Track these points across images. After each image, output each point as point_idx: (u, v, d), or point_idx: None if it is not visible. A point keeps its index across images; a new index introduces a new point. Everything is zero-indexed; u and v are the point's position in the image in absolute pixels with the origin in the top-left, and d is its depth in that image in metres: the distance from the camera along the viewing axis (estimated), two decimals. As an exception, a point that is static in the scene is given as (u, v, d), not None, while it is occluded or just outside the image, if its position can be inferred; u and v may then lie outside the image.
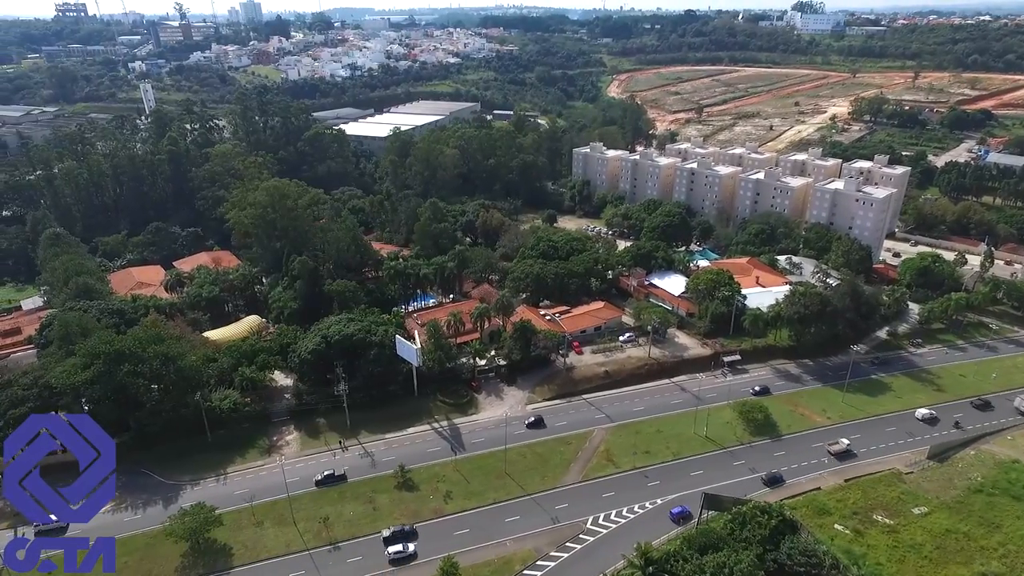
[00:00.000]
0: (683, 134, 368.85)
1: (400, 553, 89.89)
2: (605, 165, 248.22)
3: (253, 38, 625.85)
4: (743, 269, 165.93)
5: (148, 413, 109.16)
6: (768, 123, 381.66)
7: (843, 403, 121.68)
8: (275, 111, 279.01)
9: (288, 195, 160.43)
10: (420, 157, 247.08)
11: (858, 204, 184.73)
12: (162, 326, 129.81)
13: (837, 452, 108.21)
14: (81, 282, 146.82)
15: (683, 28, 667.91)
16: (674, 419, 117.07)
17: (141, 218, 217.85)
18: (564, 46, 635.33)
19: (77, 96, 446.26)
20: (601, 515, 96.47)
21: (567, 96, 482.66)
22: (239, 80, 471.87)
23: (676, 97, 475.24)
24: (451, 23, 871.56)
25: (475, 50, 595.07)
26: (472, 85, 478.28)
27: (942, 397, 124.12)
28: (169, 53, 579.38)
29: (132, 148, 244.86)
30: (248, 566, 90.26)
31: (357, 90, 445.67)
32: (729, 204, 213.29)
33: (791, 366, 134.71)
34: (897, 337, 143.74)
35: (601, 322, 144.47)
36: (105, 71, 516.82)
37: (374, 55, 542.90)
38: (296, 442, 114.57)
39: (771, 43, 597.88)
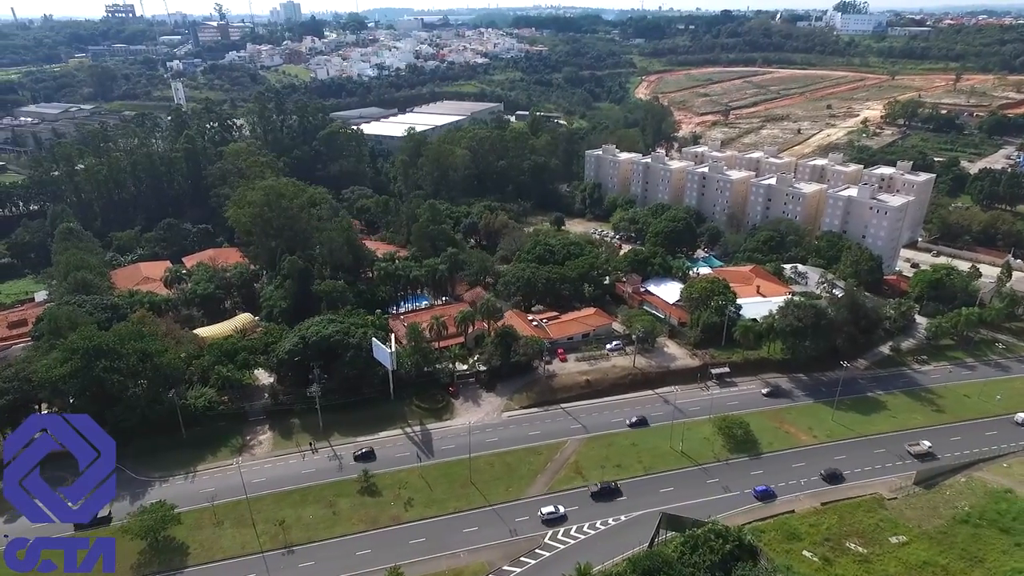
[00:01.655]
0: (708, 137, 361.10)
1: None
2: (617, 168, 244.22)
3: (287, 38, 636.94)
4: (744, 278, 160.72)
5: (123, 408, 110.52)
6: (796, 126, 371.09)
7: (832, 421, 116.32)
8: (292, 110, 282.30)
9: (284, 194, 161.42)
10: (431, 158, 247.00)
11: (872, 212, 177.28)
12: (149, 322, 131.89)
13: (918, 454, 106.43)
14: (79, 276, 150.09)
15: (718, 29, 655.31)
16: (651, 432, 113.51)
17: (158, 214, 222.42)
18: (595, 46, 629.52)
19: (115, 94, 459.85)
20: (561, 530, 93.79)
21: (594, 97, 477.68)
22: (269, 79, 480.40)
23: (705, 99, 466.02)
24: (485, 23, 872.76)
25: (504, 50, 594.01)
26: (498, 85, 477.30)
27: (940, 419, 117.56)
28: (206, 52, 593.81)
29: (151, 146, 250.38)
30: (202, 566, 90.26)
31: (383, 90, 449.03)
32: (740, 210, 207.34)
33: (783, 380, 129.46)
34: (900, 353, 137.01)
35: (590, 329, 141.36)
36: (144, 70, 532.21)
37: (403, 55, 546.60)
38: (268, 442, 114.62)
39: (807, 44, 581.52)
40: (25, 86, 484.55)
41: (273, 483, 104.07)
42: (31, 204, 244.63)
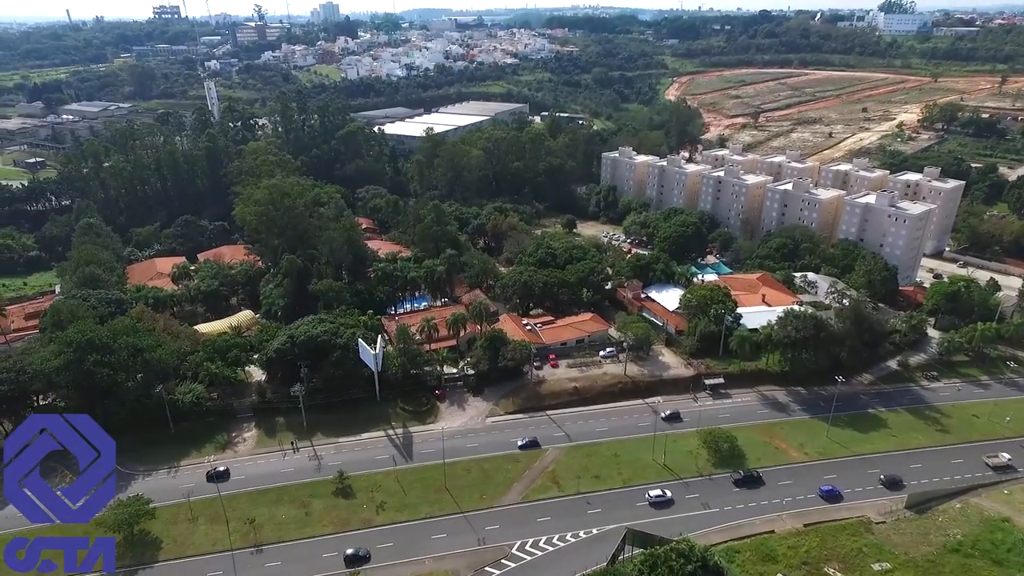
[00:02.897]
0: (735, 139, 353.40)
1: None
2: (633, 170, 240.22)
3: (321, 38, 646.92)
4: (751, 286, 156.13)
5: (113, 402, 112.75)
6: (828, 130, 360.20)
7: (827, 438, 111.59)
8: (314, 110, 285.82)
9: (289, 193, 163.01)
10: (446, 158, 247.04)
11: (890, 220, 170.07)
12: (147, 318, 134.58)
13: (996, 466, 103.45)
14: (88, 271, 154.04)
15: (754, 29, 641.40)
16: (635, 443, 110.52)
17: (179, 211, 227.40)
18: (627, 47, 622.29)
19: (153, 93, 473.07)
20: (530, 540, 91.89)
21: (622, 98, 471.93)
22: (300, 79, 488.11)
23: (736, 101, 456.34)
24: (520, 23, 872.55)
25: (534, 51, 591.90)
26: (525, 86, 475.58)
27: (943, 439, 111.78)
28: (243, 52, 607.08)
29: (174, 144, 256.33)
30: (172, 561, 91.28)
31: (410, 90, 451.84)
32: (756, 215, 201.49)
33: (781, 393, 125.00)
34: (908, 368, 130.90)
35: (584, 335, 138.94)
36: (183, 69, 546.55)
37: (432, 55, 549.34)
38: (253, 439, 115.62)
39: (846, 45, 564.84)
40: (72, 85, 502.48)
41: (252, 481, 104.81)
42: (62, 199, 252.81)
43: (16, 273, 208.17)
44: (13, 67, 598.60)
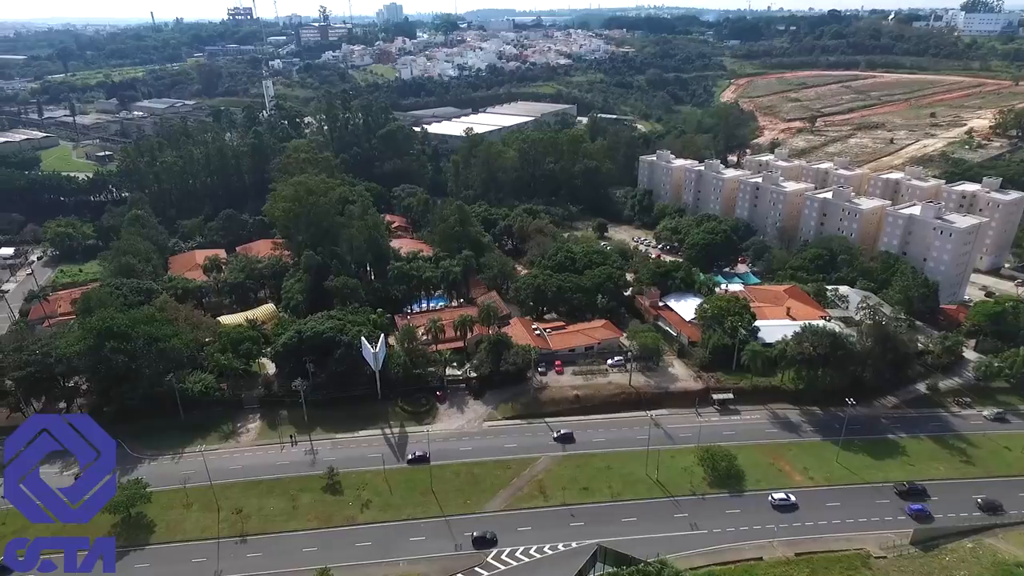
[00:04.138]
0: (788, 144, 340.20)
1: None
2: (670, 175, 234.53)
3: (380, 39, 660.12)
4: (776, 298, 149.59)
5: (128, 388, 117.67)
6: (890, 136, 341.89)
7: (836, 463, 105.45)
8: (357, 108, 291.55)
9: (314, 191, 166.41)
10: (482, 158, 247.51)
11: (935, 233, 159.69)
12: (170, 308, 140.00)
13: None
14: (124, 261, 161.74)
15: (821, 30, 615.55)
16: (630, 456, 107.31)
17: (225, 204, 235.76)
18: (685, 48, 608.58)
19: (218, 91, 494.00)
20: (507, 550, 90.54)
21: (675, 100, 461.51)
22: (356, 78, 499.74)
23: (794, 104, 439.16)
24: (579, 24, 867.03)
25: (589, 51, 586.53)
26: (576, 87, 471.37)
27: (966, 471, 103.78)
28: (305, 52, 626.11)
29: (223, 140, 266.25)
30: (163, 545, 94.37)
31: (460, 90, 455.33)
32: (794, 224, 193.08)
33: (794, 413, 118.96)
34: (938, 393, 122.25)
35: (594, 342, 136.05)
36: (248, 68, 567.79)
37: (485, 55, 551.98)
38: (256, 431, 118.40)
39: (920, 46, 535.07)
40: (146, 83, 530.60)
41: (248, 471, 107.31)
42: (122, 191, 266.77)
43: (75, 260, 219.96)
44: (98, 66, 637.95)
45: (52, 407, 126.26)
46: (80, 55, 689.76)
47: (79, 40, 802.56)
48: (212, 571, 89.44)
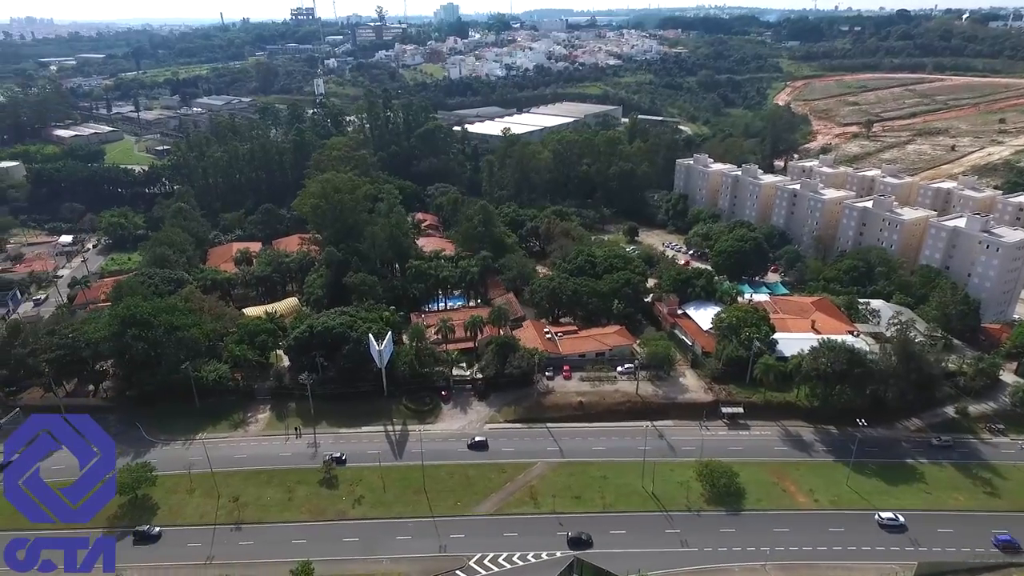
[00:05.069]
0: (841, 150, 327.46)
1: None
2: (706, 179, 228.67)
3: (433, 38, 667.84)
4: (803, 310, 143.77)
5: (147, 374, 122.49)
6: (952, 142, 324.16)
7: (846, 486, 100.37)
8: (398, 107, 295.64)
9: (340, 188, 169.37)
10: (515, 159, 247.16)
11: (981, 247, 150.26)
12: (196, 298, 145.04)
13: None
14: (159, 252, 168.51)
15: (887, 30, 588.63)
16: (628, 467, 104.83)
17: (267, 199, 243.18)
18: (741, 49, 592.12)
19: (274, 89, 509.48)
20: (490, 555, 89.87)
21: (726, 103, 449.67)
22: (405, 77, 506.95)
23: (852, 108, 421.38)
24: (634, 24, 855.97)
25: (640, 52, 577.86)
26: (623, 88, 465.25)
27: (988, 503, 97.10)
28: (359, 51, 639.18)
29: (267, 137, 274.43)
30: (163, 527, 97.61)
31: (506, 90, 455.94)
32: (831, 234, 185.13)
33: (807, 431, 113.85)
34: (968, 417, 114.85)
35: (605, 348, 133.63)
36: (305, 67, 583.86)
37: (535, 55, 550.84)
38: (264, 421, 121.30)
39: (995, 48, 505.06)
40: (209, 80, 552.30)
41: (252, 461, 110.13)
42: (173, 184, 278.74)
43: (125, 249, 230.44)
44: (167, 64, 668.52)
45: (83, 389, 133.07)
46: (152, 54, 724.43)
47: (153, 40, 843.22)
48: (205, 556, 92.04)
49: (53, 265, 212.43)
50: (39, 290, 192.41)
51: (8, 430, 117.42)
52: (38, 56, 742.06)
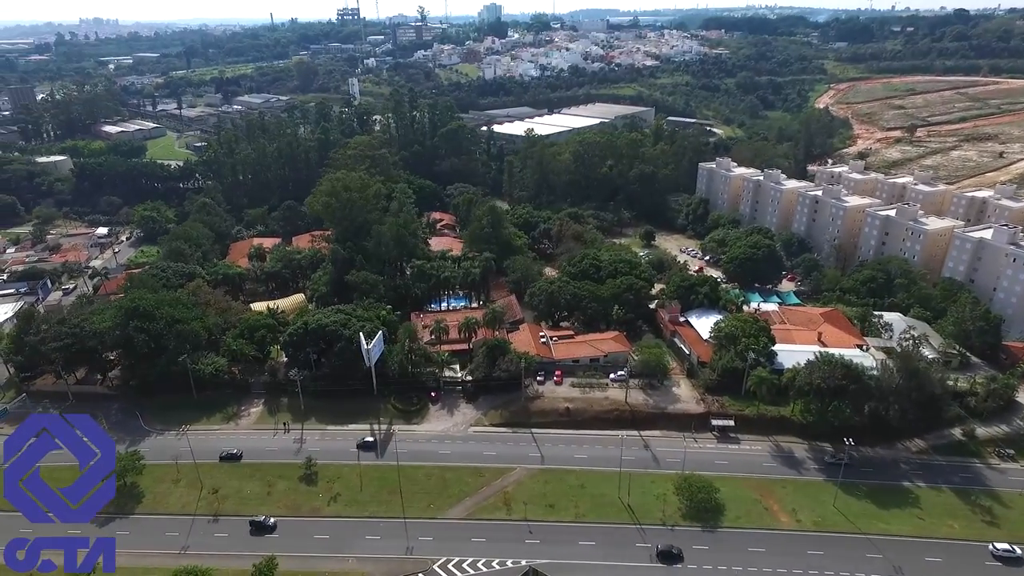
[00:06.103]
0: (881, 156, 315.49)
1: None
2: (728, 184, 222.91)
3: (471, 38, 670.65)
4: (811, 321, 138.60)
5: (148, 365, 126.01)
6: (1001, 148, 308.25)
7: (833, 507, 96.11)
8: (424, 107, 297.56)
9: (350, 187, 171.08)
10: (535, 160, 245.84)
11: (1007, 260, 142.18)
12: (203, 292, 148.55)
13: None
14: (175, 246, 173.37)
15: (941, 31, 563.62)
16: (607, 477, 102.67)
17: (291, 196, 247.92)
18: (784, 50, 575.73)
19: (312, 87, 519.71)
20: (455, 559, 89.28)
21: (764, 105, 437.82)
22: (440, 76, 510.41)
23: (897, 112, 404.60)
24: (677, 24, 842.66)
25: (680, 52, 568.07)
26: (658, 89, 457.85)
27: (985, 533, 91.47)
28: (399, 51, 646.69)
29: (294, 135, 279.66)
30: (145, 515, 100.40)
31: (539, 90, 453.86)
32: (852, 242, 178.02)
33: (800, 447, 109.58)
34: (975, 440, 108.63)
35: (600, 354, 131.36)
36: (344, 66, 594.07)
37: (571, 56, 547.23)
38: (256, 415, 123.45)
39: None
40: (253, 79, 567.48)
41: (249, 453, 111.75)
42: (206, 179, 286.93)
43: (155, 242, 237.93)
44: (216, 63, 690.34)
45: (92, 377, 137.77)
46: (203, 53, 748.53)
47: (204, 39, 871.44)
48: (180, 545, 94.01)
49: (86, 256, 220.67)
50: (70, 280, 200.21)
51: (15, 415, 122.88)
52: (99, 55, 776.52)
